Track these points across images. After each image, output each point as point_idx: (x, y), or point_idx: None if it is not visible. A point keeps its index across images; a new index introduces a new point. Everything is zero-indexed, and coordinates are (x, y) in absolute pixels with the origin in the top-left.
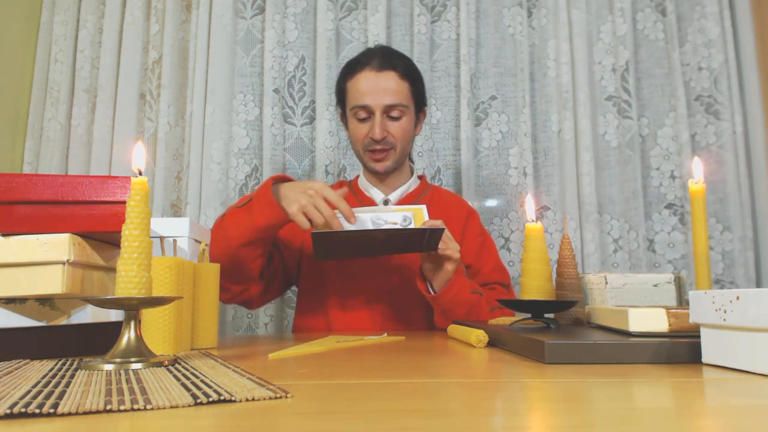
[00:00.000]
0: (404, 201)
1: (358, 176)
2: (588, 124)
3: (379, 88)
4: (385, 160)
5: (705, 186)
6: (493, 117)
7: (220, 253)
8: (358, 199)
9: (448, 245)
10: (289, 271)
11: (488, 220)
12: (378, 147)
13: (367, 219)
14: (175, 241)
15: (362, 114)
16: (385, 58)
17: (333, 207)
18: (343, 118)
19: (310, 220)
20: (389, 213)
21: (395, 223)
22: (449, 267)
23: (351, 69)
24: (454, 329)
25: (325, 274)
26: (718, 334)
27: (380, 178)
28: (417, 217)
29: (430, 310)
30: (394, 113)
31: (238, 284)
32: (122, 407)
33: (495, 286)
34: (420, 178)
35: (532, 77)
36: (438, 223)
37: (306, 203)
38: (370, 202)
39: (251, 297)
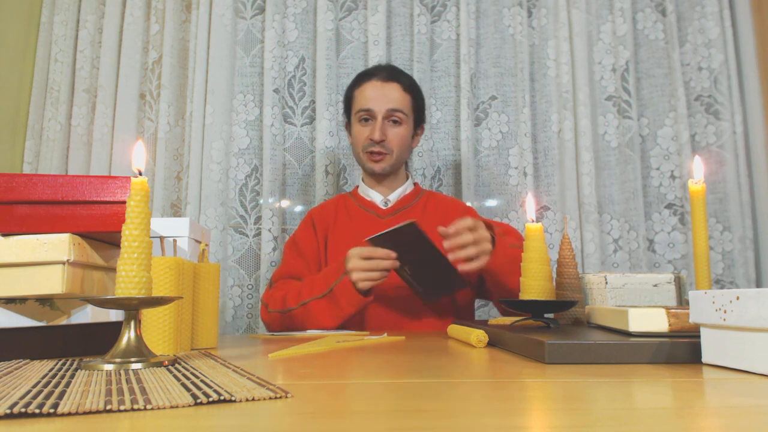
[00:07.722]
0: (401, 201)
1: (357, 186)
2: (588, 124)
3: (383, 95)
4: (381, 162)
5: (705, 186)
6: (493, 117)
7: (299, 325)
8: (358, 204)
9: (463, 249)
10: None
11: None
12: (376, 149)
13: None
14: (175, 241)
15: (365, 116)
16: (391, 72)
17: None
18: (348, 126)
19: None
20: None
21: None
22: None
23: (359, 80)
24: (454, 329)
25: None
26: (718, 334)
27: (378, 179)
28: None
29: (437, 309)
30: (395, 118)
31: None
32: (122, 407)
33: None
34: (414, 184)
35: (532, 77)
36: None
37: (360, 276)
38: (371, 205)
39: None
